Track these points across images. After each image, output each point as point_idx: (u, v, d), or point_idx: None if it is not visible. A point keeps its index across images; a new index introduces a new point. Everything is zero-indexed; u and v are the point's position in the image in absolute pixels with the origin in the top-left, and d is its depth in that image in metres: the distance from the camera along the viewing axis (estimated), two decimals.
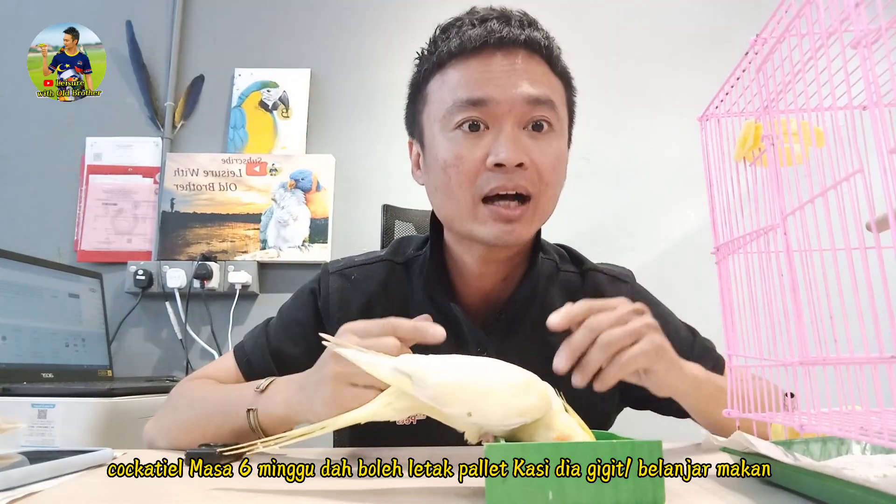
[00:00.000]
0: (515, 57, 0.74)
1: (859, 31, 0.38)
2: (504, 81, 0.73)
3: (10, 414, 1.03)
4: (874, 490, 0.34)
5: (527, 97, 0.73)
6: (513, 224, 0.74)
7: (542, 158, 0.74)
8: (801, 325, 0.44)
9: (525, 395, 0.47)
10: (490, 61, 0.74)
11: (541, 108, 0.74)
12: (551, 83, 0.77)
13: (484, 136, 0.74)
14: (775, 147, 0.49)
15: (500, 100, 0.73)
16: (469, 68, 0.75)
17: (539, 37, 0.76)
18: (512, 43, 0.74)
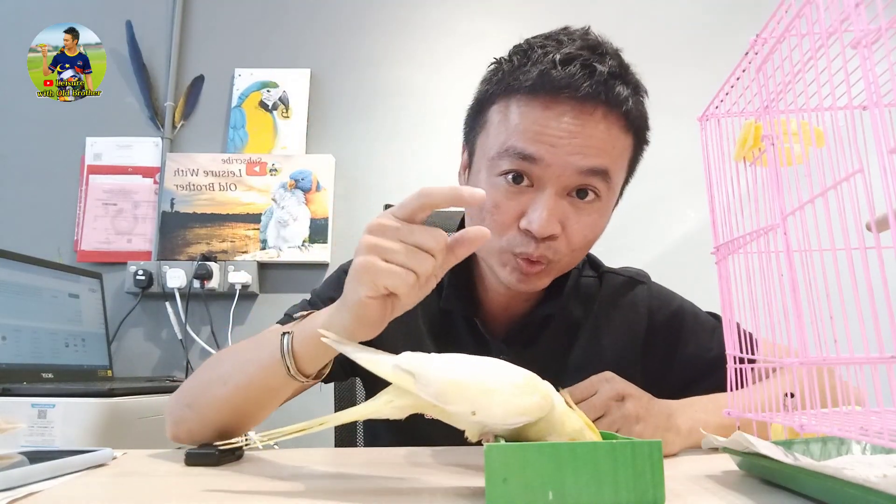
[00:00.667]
0: (587, 115, 0.68)
1: (859, 31, 0.38)
2: (563, 143, 0.68)
3: (10, 414, 1.03)
4: (874, 490, 0.34)
5: (580, 168, 0.68)
6: (530, 278, 0.73)
7: (576, 228, 0.71)
8: (801, 325, 0.44)
9: (527, 395, 0.47)
10: (557, 112, 0.68)
11: (592, 178, 0.69)
12: (617, 147, 0.71)
13: (525, 192, 0.70)
14: (775, 147, 0.49)
15: (551, 163, 0.68)
16: (532, 113, 0.69)
17: (623, 93, 0.69)
18: (588, 100, 0.68)
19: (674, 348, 0.86)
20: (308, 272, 1.95)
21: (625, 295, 0.88)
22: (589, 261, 0.93)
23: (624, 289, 0.89)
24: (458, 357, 0.51)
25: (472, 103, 0.79)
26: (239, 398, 0.65)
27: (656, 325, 0.87)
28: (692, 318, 0.88)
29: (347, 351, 0.52)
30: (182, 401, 0.70)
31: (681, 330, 0.87)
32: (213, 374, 0.69)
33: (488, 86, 0.75)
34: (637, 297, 0.88)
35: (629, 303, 0.88)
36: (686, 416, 0.69)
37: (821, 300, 0.44)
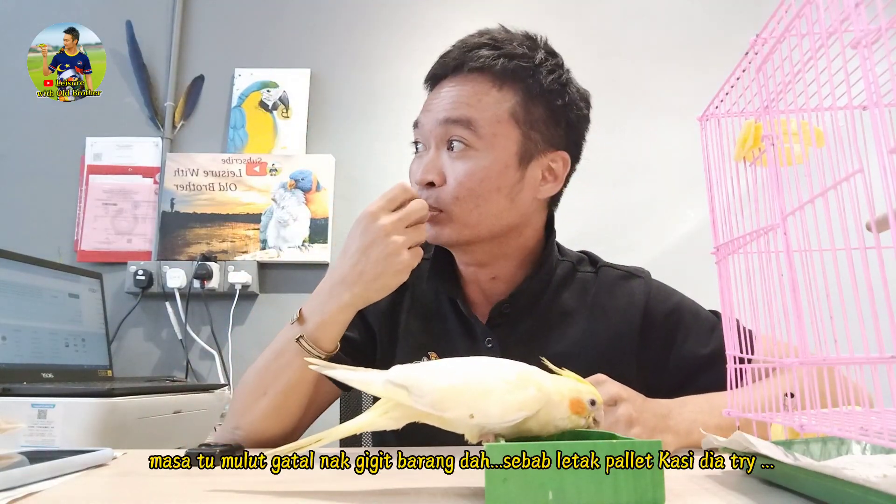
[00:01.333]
0: (455, 81, 0.82)
1: (859, 31, 0.38)
2: (434, 106, 0.82)
3: (10, 414, 1.03)
4: (874, 490, 0.34)
5: (440, 119, 0.81)
6: (434, 227, 0.81)
7: (451, 175, 0.80)
8: (801, 325, 0.44)
9: (522, 389, 0.47)
10: (439, 90, 0.84)
11: (454, 127, 0.80)
12: (484, 100, 0.81)
13: (422, 156, 0.84)
14: (775, 147, 0.49)
15: (424, 122, 0.83)
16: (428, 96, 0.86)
17: (485, 55, 0.81)
18: (458, 69, 0.82)
19: (670, 344, 0.86)
20: (308, 272, 1.95)
21: (621, 287, 0.90)
22: (589, 258, 0.94)
23: (620, 281, 0.90)
24: (449, 362, 0.51)
25: None
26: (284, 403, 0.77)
27: (653, 320, 0.87)
28: (691, 315, 0.88)
29: (337, 375, 0.52)
30: (230, 426, 0.79)
31: (678, 326, 0.87)
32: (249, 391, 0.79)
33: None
34: (633, 290, 0.89)
35: (625, 295, 0.89)
36: (681, 417, 0.69)
37: (821, 300, 0.44)
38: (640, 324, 0.86)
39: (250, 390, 0.79)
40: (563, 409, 0.47)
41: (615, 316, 0.87)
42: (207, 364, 1.89)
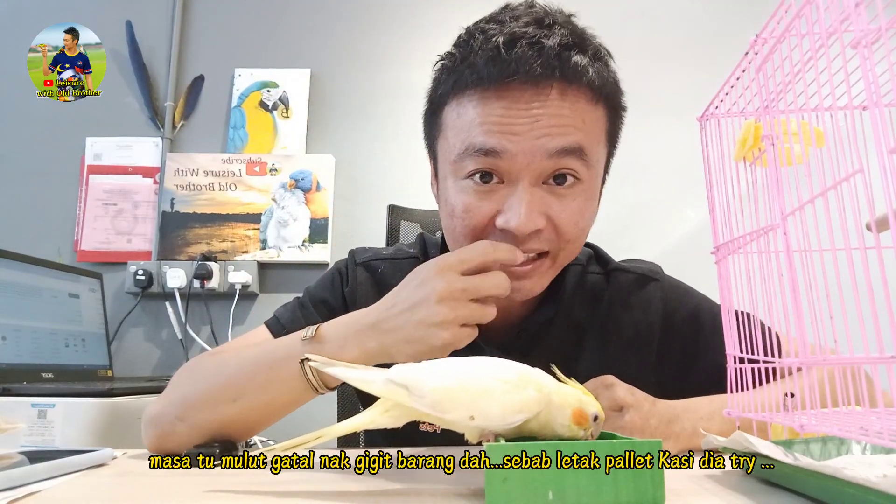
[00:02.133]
0: (545, 95, 0.62)
1: (859, 31, 0.38)
2: (526, 129, 0.62)
3: (10, 414, 1.03)
4: (874, 490, 0.34)
5: (550, 150, 0.62)
6: (521, 281, 0.67)
7: (563, 216, 0.65)
8: (801, 325, 0.44)
9: (522, 391, 0.47)
10: (512, 99, 0.62)
11: (567, 159, 0.64)
12: (588, 120, 0.65)
13: (497, 189, 0.65)
14: (775, 147, 0.49)
15: (517, 152, 0.62)
16: (487, 105, 0.63)
17: (582, 62, 0.64)
18: (542, 79, 0.62)
19: (692, 354, 0.80)
20: (308, 272, 1.95)
21: (636, 295, 0.81)
22: (596, 255, 0.85)
23: (634, 287, 0.82)
24: (450, 362, 0.51)
25: (426, 107, 0.73)
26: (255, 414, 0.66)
27: (672, 328, 0.80)
28: (711, 319, 0.80)
29: (337, 373, 0.52)
30: (172, 413, 0.66)
31: (699, 333, 0.80)
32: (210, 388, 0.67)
33: (438, 86, 0.69)
34: (650, 297, 0.81)
35: (641, 304, 0.81)
36: (688, 423, 0.66)
37: (821, 300, 0.44)
38: (658, 336, 0.80)
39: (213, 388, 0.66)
40: (566, 416, 0.47)
41: (630, 330, 0.80)
42: None
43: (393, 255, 0.86)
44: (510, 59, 0.62)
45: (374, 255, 0.86)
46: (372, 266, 0.84)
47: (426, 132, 0.75)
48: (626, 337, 0.80)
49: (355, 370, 0.51)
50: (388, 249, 0.88)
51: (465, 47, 0.66)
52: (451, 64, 0.67)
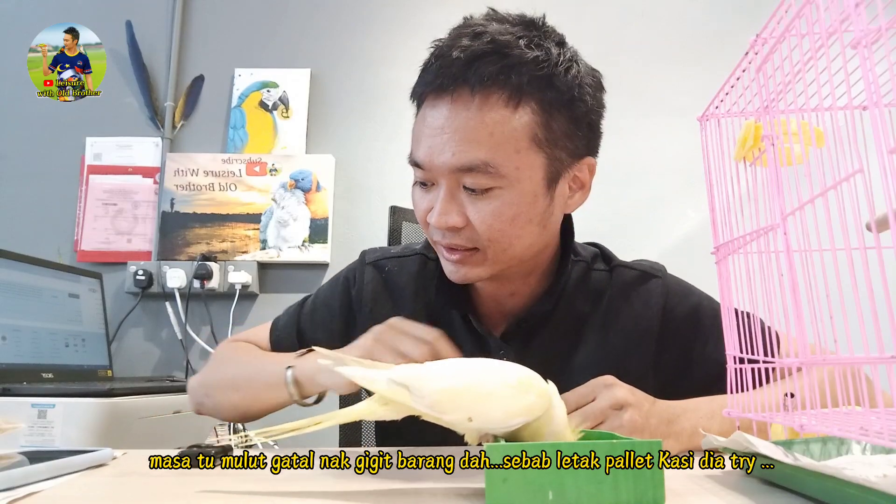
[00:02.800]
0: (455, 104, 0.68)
1: (859, 31, 0.38)
2: (436, 142, 0.70)
3: (10, 414, 1.03)
4: (874, 490, 0.34)
5: (451, 167, 0.69)
6: (458, 265, 0.75)
7: (478, 217, 0.71)
8: (801, 325, 0.44)
9: (523, 395, 0.47)
10: (434, 110, 0.70)
11: (468, 175, 0.69)
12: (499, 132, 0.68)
13: (431, 190, 0.74)
14: (775, 147, 0.49)
15: (430, 166, 0.71)
16: (421, 116, 0.74)
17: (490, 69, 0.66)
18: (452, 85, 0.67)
19: (690, 349, 0.82)
20: (308, 272, 1.95)
21: (637, 290, 0.84)
22: (601, 254, 0.89)
23: (636, 283, 0.84)
24: (452, 363, 0.51)
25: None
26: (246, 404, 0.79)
27: (671, 323, 0.82)
28: (710, 318, 0.82)
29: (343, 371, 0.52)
30: (200, 390, 0.83)
31: (698, 329, 0.82)
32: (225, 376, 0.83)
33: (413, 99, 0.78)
34: (650, 292, 0.83)
35: (641, 298, 0.83)
36: (689, 423, 0.67)
37: (821, 300, 0.44)
38: (657, 330, 0.82)
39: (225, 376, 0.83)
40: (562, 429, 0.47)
41: (630, 322, 0.82)
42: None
43: (400, 252, 0.91)
44: (431, 71, 0.70)
45: (382, 255, 0.92)
46: (379, 265, 0.90)
47: None
48: (625, 330, 0.82)
49: (360, 369, 0.51)
50: (397, 248, 0.93)
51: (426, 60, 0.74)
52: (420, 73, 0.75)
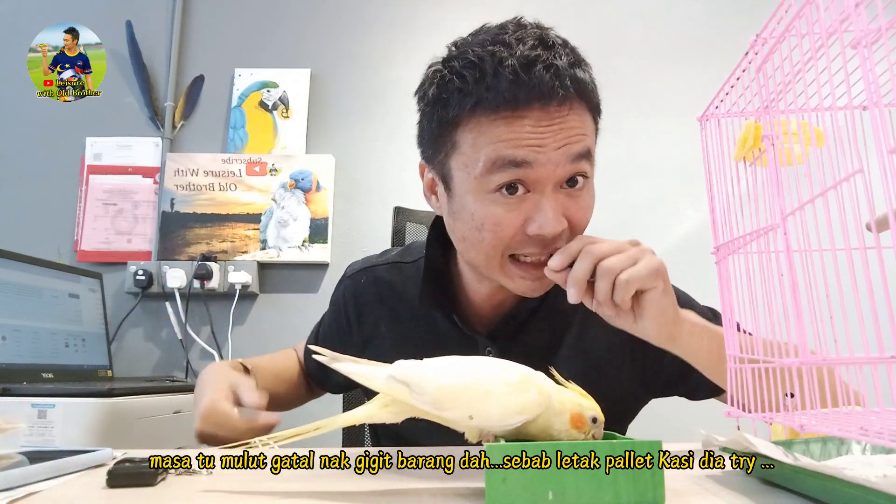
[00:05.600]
0: (559, 109, 0.68)
1: (859, 31, 0.38)
2: (548, 140, 0.67)
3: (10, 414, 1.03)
4: (874, 490, 0.34)
5: (571, 156, 0.69)
6: (544, 280, 0.73)
7: (577, 215, 0.71)
8: (801, 325, 0.44)
9: (523, 393, 0.47)
10: (537, 117, 0.67)
11: (582, 162, 0.70)
12: (588, 126, 0.72)
13: (524, 200, 0.69)
14: (775, 147, 0.49)
15: (545, 161, 0.67)
16: (513, 124, 0.67)
17: (586, 78, 0.71)
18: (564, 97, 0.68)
19: None
20: (308, 272, 1.95)
21: None
22: None
23: None
24: (452, 360, 0.51)
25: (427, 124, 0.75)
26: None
27: None
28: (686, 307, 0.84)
29: (340, 367, 0.52)
30: None
31: None
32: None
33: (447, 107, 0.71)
34: None
35: None
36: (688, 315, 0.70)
37: (821, 300, 0.44)
38: None
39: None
40: (564, 420, 0.47)
41: None
42: (207, 364, 1.89)
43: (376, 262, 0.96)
44: (531, 83, 0.66)
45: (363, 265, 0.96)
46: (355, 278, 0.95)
47: (429, 148, 0.77)
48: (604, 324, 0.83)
49: (358, 365, 0.51)
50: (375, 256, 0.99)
51: (475, 70, 0.69)
52: (461, 84, 0.69)
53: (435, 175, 0.78)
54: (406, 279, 0.90)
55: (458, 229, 0.76)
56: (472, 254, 0.76)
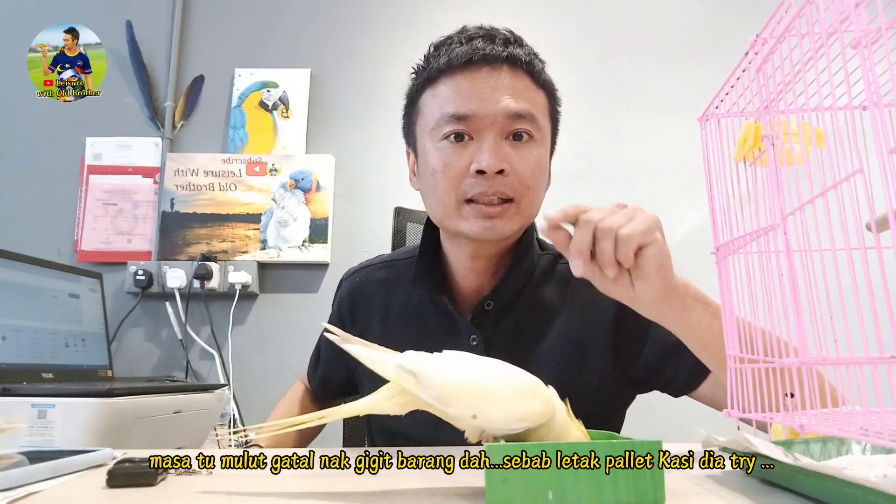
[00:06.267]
0: (499, 73, 0.81)
1: (859, 31, 0.38)
2: (487, 96, 0.80)
3: (10, 414, 1.03)
4: (874, 490, 0.34)
5: (507, 112, 0.79)
6: (494, 220, 0.80)
7: (522, 165, 0.80)
8: (801, 325, 0.44)
9: (529, 400, 0.47)
10: (475, 77, 0.81)
11: (521, 121, 0.80)
12: (533, 97, 0.82)
13: (469, 145, 0.80)
14: (775, 147, 0.49)
15: (483, 114, 0.79)
16: (456, 84, 0.81)
17: (521, 53, 0.82)
18: (494, 59, 0.81)
19: (644, 331, 0.85)
20: (308, 272, 1.95)
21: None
22: None
23: None
24: (462, 357, 0.51)
25: (404, 106, 0.91)
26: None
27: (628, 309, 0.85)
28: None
29: (350, 349, 0.52)
30: None
31: None
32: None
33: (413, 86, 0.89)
34: None
35: None
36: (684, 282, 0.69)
37: (821, 300, 0.44)
38: (614, 312, 0.86)
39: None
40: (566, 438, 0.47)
41: (591, 306, 0.87)
42: (207, 364, 1.89)
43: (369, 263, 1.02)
44: (468, 48, 0.81)
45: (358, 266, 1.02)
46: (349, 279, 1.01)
47: (405, 125, 0.92)
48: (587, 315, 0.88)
49: (369, 350, 0.51)
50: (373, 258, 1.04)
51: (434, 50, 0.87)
52: (424, 64, 0.87)
53: (411, 150, 0.92)
54: (399, 274, 0.96)
55: (423, 188, 0.87)
56: (435, 205, 0.84)
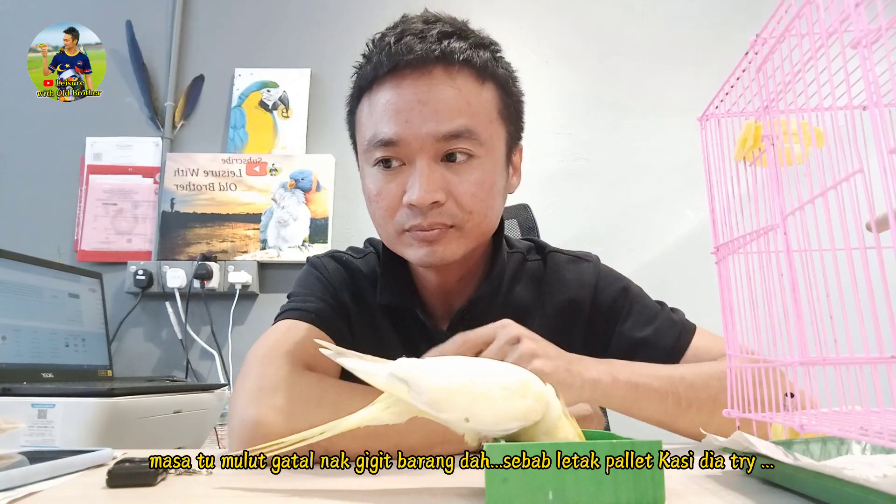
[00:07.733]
0: (430, 78, 0.71)
1: (859, 31, 0.38)
2: (414, 115, 0.70)
3: (10, 414, 1.03)
4: (874, 490, 0.34)
5: (436, 135, 0.70)
6: (434, 246, 0.73)
7: (461, 188, 0.72)
8: (801, 325, 0.44)
9: (519, 399, 0.46)
10: (401, 87, 0.71)
11: (455, 140, 0.71)
12: (473, 102, 0.72)
13: (401, 172, 0.73)
14: (775, 147, 0.49)
15: (411, 139, 0.70)
16: (385, 95, 0.72)
17: (458, 48, 0.71)
18: (425, 61, 0.70)
19: (613, 324, 0.85)
20: None
21: (570, 269, 0.88)
22: (535, 245, 0.92)
23: (569, 266, 0.89)
24: (453, 360, 0.51)
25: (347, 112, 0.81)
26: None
27: (600, 303, 0.86)
28: (636, 300, 0.86)
29: (345, 363, 0.51)
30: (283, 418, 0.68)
31: (622, 308, 0.85)
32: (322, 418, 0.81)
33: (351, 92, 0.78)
34: (582, 274, 0.87)
35: (574, 279, 0.87)
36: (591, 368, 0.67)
37: (821, 300, 0.44)
38: (589, 304, 0.85)
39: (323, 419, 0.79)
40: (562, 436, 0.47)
41: (564, 302, 0.85)
42: (207, 364, 1.89)
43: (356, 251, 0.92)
44: (398, 49, 0.70)
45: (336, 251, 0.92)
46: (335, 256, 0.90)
47: (349, 132, 0.82)
48: (560, 311, 0.85)
49: (362, 361, 0.51)
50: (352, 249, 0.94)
51: (368, 51, 0.76)
52: (358, 69, 0.77)
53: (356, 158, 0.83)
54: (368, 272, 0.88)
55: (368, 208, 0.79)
56: (378, 229, 0.79)
